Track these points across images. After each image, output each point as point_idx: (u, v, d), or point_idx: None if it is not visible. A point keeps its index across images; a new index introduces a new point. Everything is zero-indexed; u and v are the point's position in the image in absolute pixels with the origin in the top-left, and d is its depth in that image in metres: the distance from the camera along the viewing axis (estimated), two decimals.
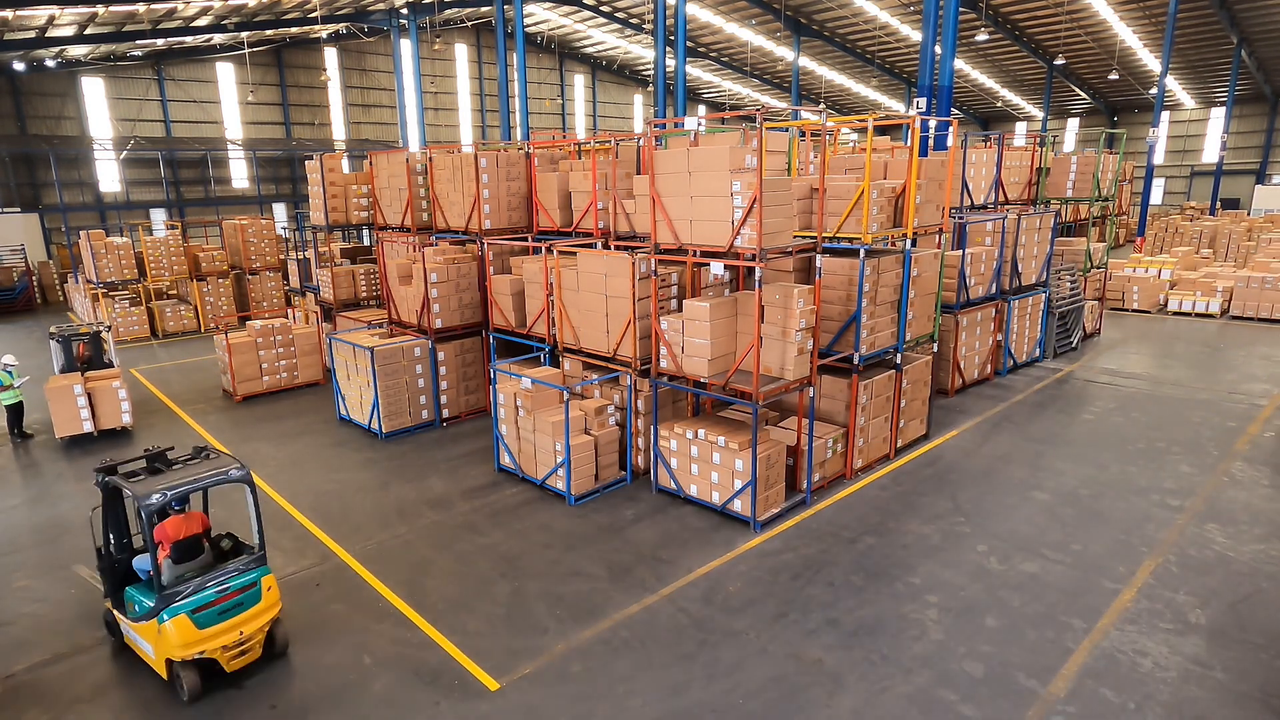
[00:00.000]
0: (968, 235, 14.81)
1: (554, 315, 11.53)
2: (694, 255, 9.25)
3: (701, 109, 58.45)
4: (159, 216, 35.02)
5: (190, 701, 6.48)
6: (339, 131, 41.56)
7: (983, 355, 15.27)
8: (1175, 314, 22.03)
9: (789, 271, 10.81)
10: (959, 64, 43.81)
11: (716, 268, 9.40)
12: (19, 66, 30.74)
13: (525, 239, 13.78)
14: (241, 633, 6.67)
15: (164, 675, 6.67)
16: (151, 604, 6.50)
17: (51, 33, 28.06)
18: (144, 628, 6.60)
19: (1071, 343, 17.85)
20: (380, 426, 12.99)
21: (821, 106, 12.25)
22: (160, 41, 32.31)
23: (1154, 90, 44.56)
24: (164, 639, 6.39)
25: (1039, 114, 53.73)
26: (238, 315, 22.23)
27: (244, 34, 33.19)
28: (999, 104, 54.33)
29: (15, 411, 13.32)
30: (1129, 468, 11.11)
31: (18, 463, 12.45)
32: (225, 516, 9.48)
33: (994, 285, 15.05)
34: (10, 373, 13.18)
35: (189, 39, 33.15)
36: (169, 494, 6.44)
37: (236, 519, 9.27)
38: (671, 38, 31.97)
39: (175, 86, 35.62)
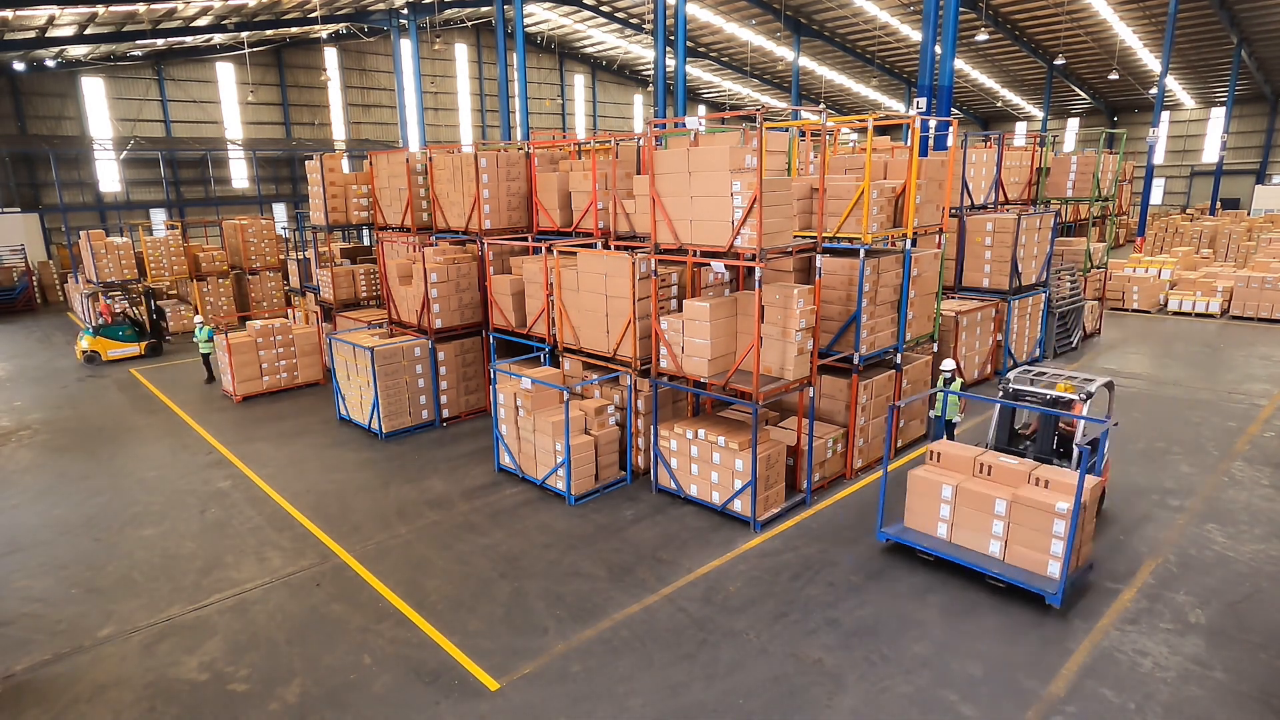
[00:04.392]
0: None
1: (554, 315, 11.53)
2: (694, 255, 9.25)
3: (701, 109, 58.45)
4: (159, 216, 35.02)
5: None
6: (339, 131, 41.56)
7: (983, 355, 15.26)
8: (1175, 314, 22.03)
9: (789, 271, 10.81)
10: (959, 64, 43.82)
11: (717, 267, 9.41)
12: (19, 66, 30.74)
13: (525, 239, 13.78)
14: None
15: None
16: None
17: (51, 33, 28.05)
18: None
19: (1071, 343, 17.85)
20: (380, 426, 12.99)
21: (821, 106, 12.25)
22: (160, 41, 32.32)
23: (1154, 90, 44.58)
24: None
25: (1039, 114, 53.73)
26: (238, 315, 22.23)
27: (244, 34, 33.20)
28: (999, 104, 54.34)
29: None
30: (1129, 468, 11.10)
31: None
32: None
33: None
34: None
35: (189, 39, 33.16)
36: None
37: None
38: (671, 38, 31.96)
39: (175, 86, 35.63)
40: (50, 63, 31.73)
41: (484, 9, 40.27)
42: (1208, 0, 31.68)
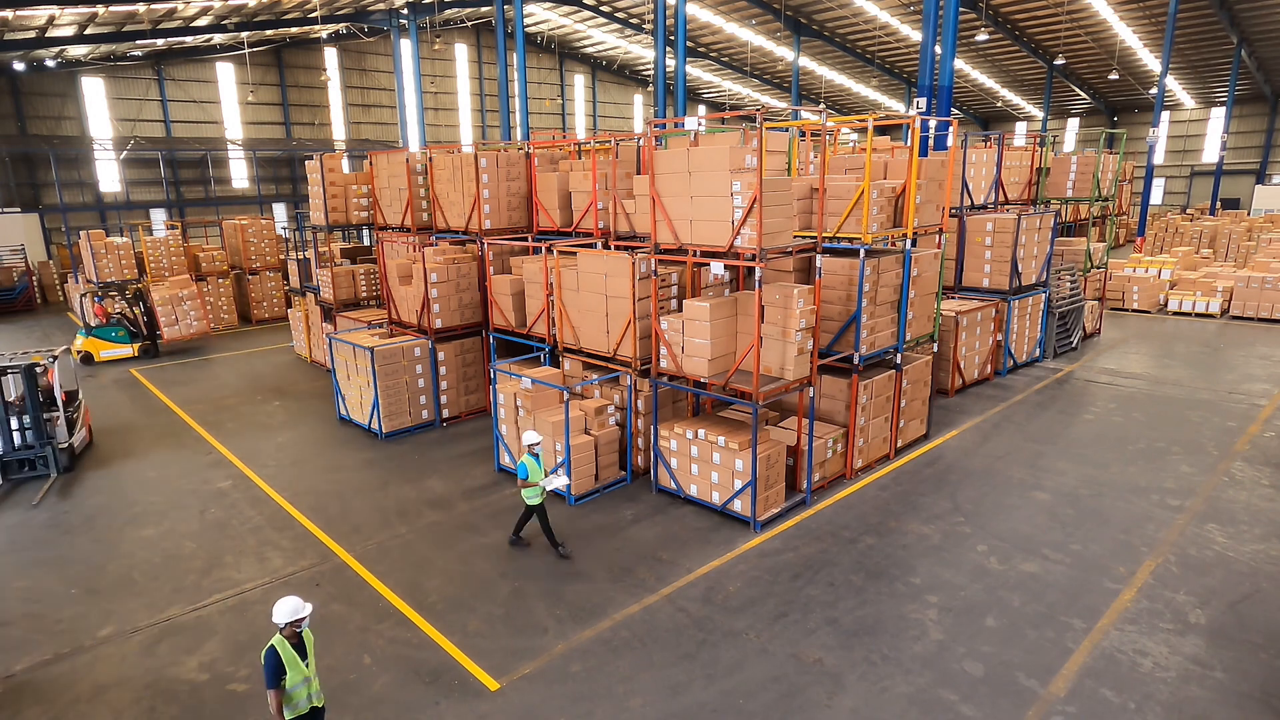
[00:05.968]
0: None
1: (554, 315, 11.53)
2: (694, 255, 9.25)
3: (701, 109, 58.44)
4: (159, 216, 35.02)
5: None
6: (339, 131, 41.56)
7: (983, 355, 15.26)
8: (1175, 314, 22.03)
9: (789, 271, 10.81)
10: (959, 64, 43.81)
11: (716, 268, 9.40)
12: (19, 66, 30.74)
13: (525, 239, 13.78)
14: None
15: None
16: None
17: (51, 33, 28.05)
18: None
19: (1071, 343, 17.85)
20: (380, 426, 12.99)
21: (821, 106, 12.25)
22: (160, 41, 32.31)
23: (1154, 90, 44.58)
24: None
25: (1039, 114, 53.73)
26: (237, 315, 22.23)
27: (244, 34, 33.19)
28: (999, 104, 54.32)
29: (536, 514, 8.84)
30: (1129, 468, 11.11)
31: None
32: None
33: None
34: (537, 458, 8.74)
35: (189, 39, 33.15)
36: None
37: None
38: (671, 38, 31.99)
39: (175, 86, 35.62)
40: (50, 63, 31.73)
41: (484, 9, 40.27)
42: (1208, 0, 31.68)
